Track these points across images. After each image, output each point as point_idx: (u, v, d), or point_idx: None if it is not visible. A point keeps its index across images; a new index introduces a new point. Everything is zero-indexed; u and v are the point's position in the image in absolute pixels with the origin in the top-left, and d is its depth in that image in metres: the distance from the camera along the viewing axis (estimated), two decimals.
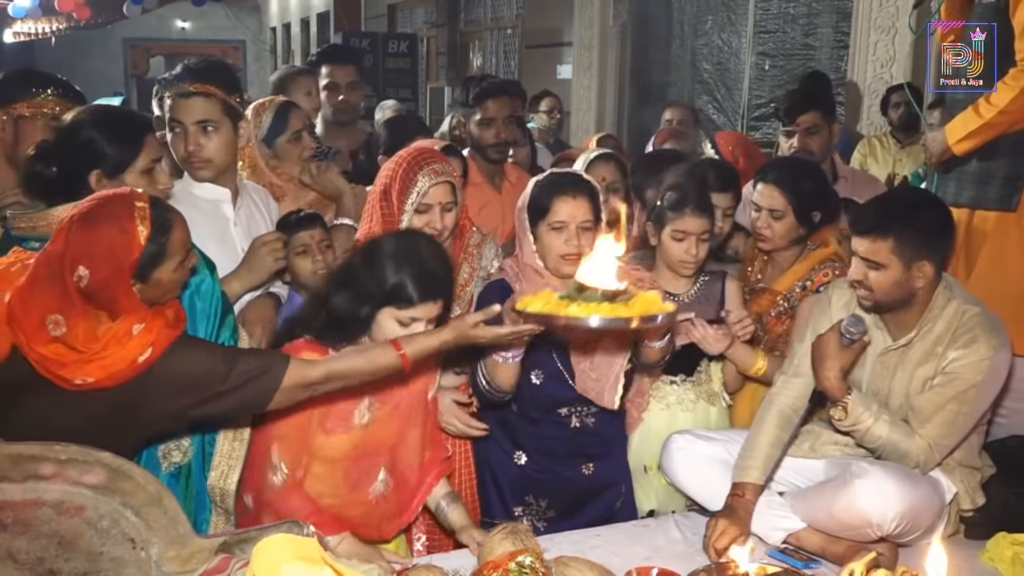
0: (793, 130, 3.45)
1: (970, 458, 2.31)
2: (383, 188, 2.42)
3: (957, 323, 2.21)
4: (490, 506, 2.50)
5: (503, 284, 2.39)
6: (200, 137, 2.46)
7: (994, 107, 2.71)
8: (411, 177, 2.38)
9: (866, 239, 2.18)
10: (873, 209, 2.27)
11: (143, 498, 1.83)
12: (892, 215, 2.19)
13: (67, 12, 11.50)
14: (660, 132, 4.34)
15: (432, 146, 2.68)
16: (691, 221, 2.55)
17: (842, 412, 2.19)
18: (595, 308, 1.78)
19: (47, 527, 1.79)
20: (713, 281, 2.66)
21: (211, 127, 2.47)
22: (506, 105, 3.51)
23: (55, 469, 1.82)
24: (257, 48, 18.03)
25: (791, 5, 6.36)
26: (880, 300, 2.22)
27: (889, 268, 2.16)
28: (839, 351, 2.18)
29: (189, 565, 1.78)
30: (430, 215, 2.39)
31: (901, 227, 2.15)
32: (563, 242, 2.29)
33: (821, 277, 2.68)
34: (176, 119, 2.49)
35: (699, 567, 2.04)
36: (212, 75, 2.54)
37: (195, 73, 2.54)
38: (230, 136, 2.52)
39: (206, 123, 2.46)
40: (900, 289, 2.19)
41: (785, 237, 2.71)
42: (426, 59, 11.46)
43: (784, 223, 2.69)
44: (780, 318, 2.72)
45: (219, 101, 2.48)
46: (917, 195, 2.38)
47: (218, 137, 2.48)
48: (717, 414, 2.67)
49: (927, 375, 2.23)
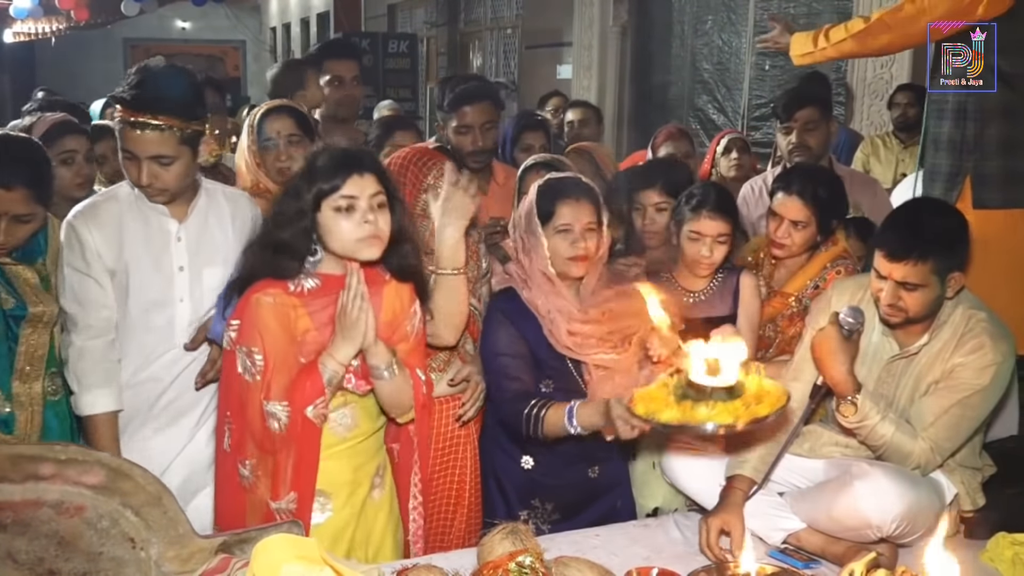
0: (791, 126, 3.44)
1: (971, 458, 2.31)
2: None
3: (964, 328, 2.20)
4: (495, 510, 2.48)
5: (513, 295, 2.40)
6: (155, 168, 2.24)
7: (828, 45, 2.96)
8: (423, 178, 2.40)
9: (904, 265, 2.13)
10: (906, 234, 2.20)
11: (143, 498, 1.83)
12: (927, 237, 2.15)
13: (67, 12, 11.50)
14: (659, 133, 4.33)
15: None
16: (707, 223, 2.57)
17: (851, 407, 2.16)
18: (725, 408, 1.82)
19: (47, 527, 1.79)
20: (728, 277, 2.67)
21: (167, 160, 2.24)
22: (484, 111, 3.24)
23: (55, 469, 1.82)
24: (257, 48, 18.03)
25: (791, 5, 6.36)
26: (914, 317, 2.20)
27: (928, 287, 2.14)
28: (843, 344, 2.16)
29: (189, 565, 1.78)
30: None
31: (937, 247, 2.14)
32: (569, 244, 2.32)
33: (833, 275, 2.68)
34: (128, 150, 2.26)
35: (699, 567, 2.04)
36: (168, 103, 2.24)
37: (149, 102, 2.22)
38: (188, 163, 2.30)
39: (162, 157, 2.24)
40: (936, 303, 2.19)
41: (804, 246, 2.71)
42: (426, 59, 11.46)
43: (805, 232, 2.68)
44: (792, 320, 2.71)
45: (176, 132, 2.24)
46: (935, 207, 2.36)
47: (176, 168, 2.27)
48: None
49: (933, 380, 2.23)
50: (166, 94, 2.23)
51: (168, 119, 2.21)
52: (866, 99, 5.48)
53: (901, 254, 2.13)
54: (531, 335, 2.37)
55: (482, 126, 3.23)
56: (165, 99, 2.23)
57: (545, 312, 2.36)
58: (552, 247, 2.33)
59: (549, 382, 2.38)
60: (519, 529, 1.89)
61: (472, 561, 1.91)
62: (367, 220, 1.98)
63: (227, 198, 2.49)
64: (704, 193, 2.64)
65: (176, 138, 2.23)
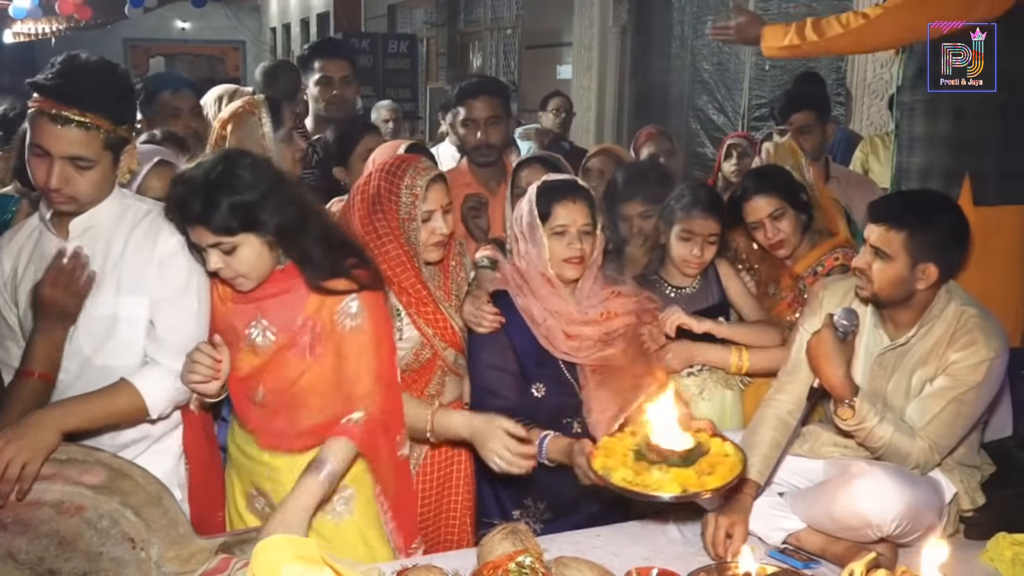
0: (786, 129, 3.47)
1: (969, 457, 2.31)
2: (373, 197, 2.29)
3: (956, 325, 2.20)
4: (487, 510, 2.49)
5: (507, 300, 2.39)
6: (69, 171, 1.94)
7: (819, 40, 2.83)
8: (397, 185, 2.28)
9: (880, 227, 2.18)
10: (896, 200, 2.29)
11: (143, 498, 1.84)
12: (913, 210, 2.19)
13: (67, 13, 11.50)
14: (640, 134, 4.34)
15: (396, 148, 2.69)
16: (699, 223, 2.61)
17: (848, 411, 2.17)
18: (677, 475, 1.90)
19: (47, 527, 1.79)
20: (709, 268, 2.72)
21: (85, 164, 1.95)
22: (489, 105, 3.26)
23: (55, 469, 1.83)
24: (257, 49, 18.03)
25: (791, 5, 6.36)
26: (878, 293, 2.21)
27: (895, 261, 2.16)
28: (838, 347, 2.17)
29: (189, 565, 1.79)
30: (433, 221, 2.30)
31: (918, 224, 2.15)
32: (565, 246, 2.32)
33: (832, 261, 2.70)
34: (40, 145, 1.93)
35: (699, 567, 2.04)
36: (99, 99, 1.94)
37: (77, 95, 1.91)
38: (107, 172, 2.01)
39: (79, 159, 1.94)
40: (900, 286, 2.19)
41: (795, 231, 2.72)
42: (426, 59, 11.46)
43: (787, 220, 2.70)
44: (792, 305, 2.72)
45: (102, 134, 1.95)
46: (943, 200, 2.37)
47: (93, 175, 1.97)
48: (732, 398, 2.68)
49: (926, 377, 2.23)
50: (98, 88, 1.95)
51: (96, 118, 1.93)
52: (866, 99, 5.47)
53: (881, 215, 2.20)
54: (521, 341, 2.37)
55: (487, 120, 3.25)
56: (96, 94, 1.94)
57: (541, 320, 2.35)
58: (548, 248, 2.33)
59: (541, 386, 2.38)
60: (519, 529, 1.89)
61: (472, 561, 1.91)
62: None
63: (144, 216, 2.10)
64: (695, 193, 2.67)
65: (101, 140, 1.95)
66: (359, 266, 2.06)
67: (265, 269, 2.01)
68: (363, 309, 2.03)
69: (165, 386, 2.03)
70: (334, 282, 2.02)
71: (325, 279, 2.02)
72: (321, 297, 2.03)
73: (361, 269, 2.06)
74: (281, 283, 2.04)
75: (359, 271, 2.05)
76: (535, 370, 2.37)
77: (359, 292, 2.03)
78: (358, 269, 2.06)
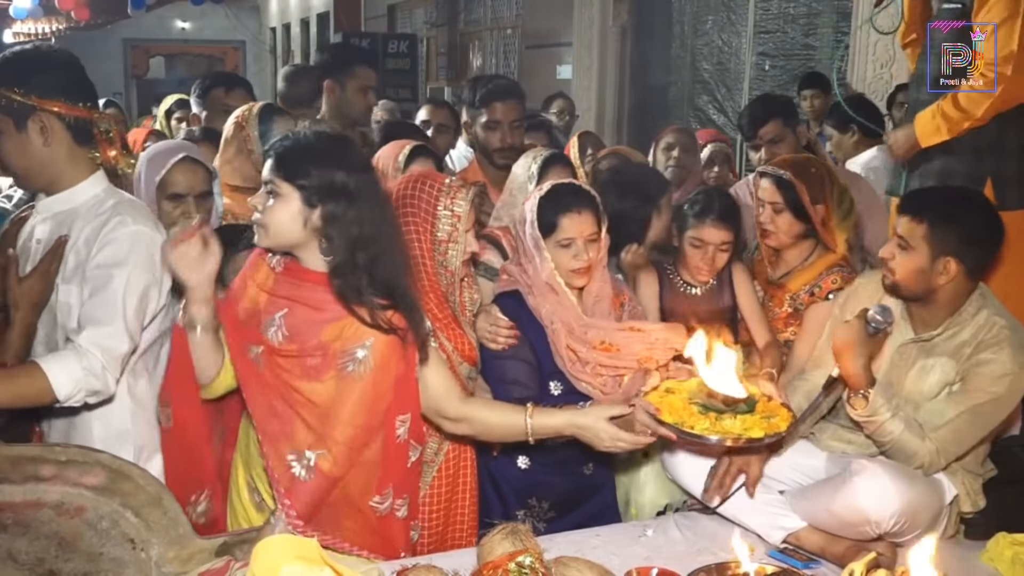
0: (758, 143, 3.46)
1: (974, 464, 2.30)
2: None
3: (985, 333, 2.18)
4: (491, 510, 2.48)
5: (519, 300, 2.38)
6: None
7: (967, 114, 2.79)
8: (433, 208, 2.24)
9: (905, 218, 2.19)
10: (925, 194, 2.31)
11: (143, 499, 1.83)
12: (938, 203, 2.20)
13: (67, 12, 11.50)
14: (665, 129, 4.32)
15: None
16: (710, 231, 2.62)
17: (862, 401, 2.16)
18: (744, 420, 1.90)
19: (47, 528, 1.79)
20: (724, 270, 2.73)
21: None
22: (514, 109, 3.29)
23: (55, 470, 1.83)
24: (257, 48, 18.03)
25: (791, 5, 6.37)
26: (898, 283, 2.22)
27: (916, 252, 2.16)
28: (865, 340, 2.14)
29: (189, 566, 1.78)
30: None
31: (940, 218, 2.15)
32: (572, 257, 2.32)
33: (829, 283, 2.67)
34: None
35: (699, 567, 2.04)
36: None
37: None
38: (17, 139, 2.01)
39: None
40: (920, 279, 2.18)
41: (789, 233, 2.71)
42: (426, 59, 11.46)
43: (784, 217, 2.70)
44: (787, 321, 2.72)
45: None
46: (973, 196, 2.35)
47: (4, 142, 2.01)
48: None
49: (945, 379, 2.22)
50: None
51: None
52: None
53: (907, 207, 2.21)
54: (536, 338, 2.37)
55: (511, 123, 3.28)
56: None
57: (549, 322, 2.36)
58: (554, 260, 2.33)
59: (558, 384, 2.39)
60: (519, 529, 1.89)
61: (472, 561, 1.91)
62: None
63: (102, 209, 2.08)
64: (708, 200, 2.66)
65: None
66: (391, 309, 1.96)
67: (286, 237, 1.93)
68: (369, 360, 1.95)
69: (73, 369, 1.95)
70: (358, 307, 1.94)
71: (349, 299, 1.93)
72: (340, 328, 1.95)
73: (391, 313, 1.96)
74: (315, 293, 1.97)
75: (386, 313, 1.96)
76: (552, 367, 2.37)
77: (374, 331, 1.94)
78: (388, 311, 1.96)
